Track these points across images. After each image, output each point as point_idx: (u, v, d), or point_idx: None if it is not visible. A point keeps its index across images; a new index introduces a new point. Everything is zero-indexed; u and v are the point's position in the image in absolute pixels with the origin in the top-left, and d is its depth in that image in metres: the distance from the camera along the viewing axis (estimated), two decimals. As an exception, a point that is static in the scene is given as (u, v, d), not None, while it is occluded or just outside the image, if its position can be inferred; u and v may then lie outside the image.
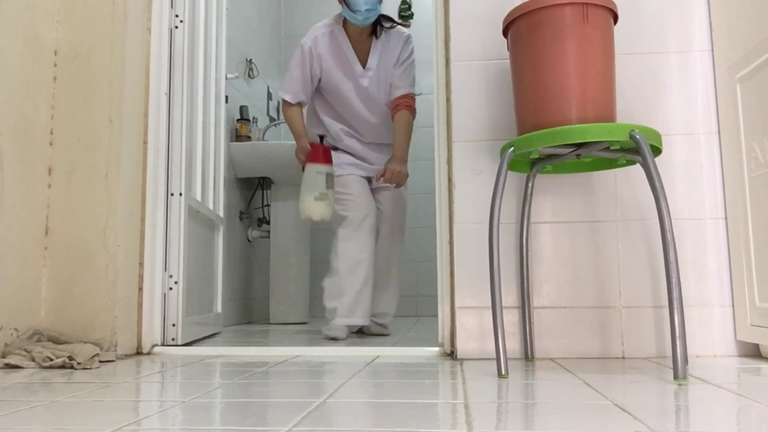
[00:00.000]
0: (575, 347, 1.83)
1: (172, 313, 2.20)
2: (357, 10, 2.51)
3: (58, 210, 2.00)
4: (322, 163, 2.63)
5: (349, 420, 1.04)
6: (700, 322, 1.81)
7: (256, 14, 4.12)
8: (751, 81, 1.69)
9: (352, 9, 2.52)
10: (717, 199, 1.86)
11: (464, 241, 1.89)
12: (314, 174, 2.60)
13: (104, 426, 1.00)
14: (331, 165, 2.65)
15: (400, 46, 2.68)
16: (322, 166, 2.62)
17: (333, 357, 1.95)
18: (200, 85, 2.55)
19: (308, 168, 2.62)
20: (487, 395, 1.27)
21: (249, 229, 3.78)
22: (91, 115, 2.03)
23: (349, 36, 2.64)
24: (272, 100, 4.35)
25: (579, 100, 1.53)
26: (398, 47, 2.68)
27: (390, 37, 2.68)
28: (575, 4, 1.54)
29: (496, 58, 1.95)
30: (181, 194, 2.25)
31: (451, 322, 1.91)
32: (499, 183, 1.59)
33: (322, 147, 2.67)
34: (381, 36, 2.67)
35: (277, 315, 3.58)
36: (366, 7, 2.51)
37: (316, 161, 2.62)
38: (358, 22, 2.56)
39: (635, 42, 1.91)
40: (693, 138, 1.88)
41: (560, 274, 1.86)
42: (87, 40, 2.06)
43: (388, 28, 2.68)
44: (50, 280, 1.98)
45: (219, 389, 1.36)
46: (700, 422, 1.01)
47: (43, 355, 1.71)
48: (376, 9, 2.55)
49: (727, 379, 1.43)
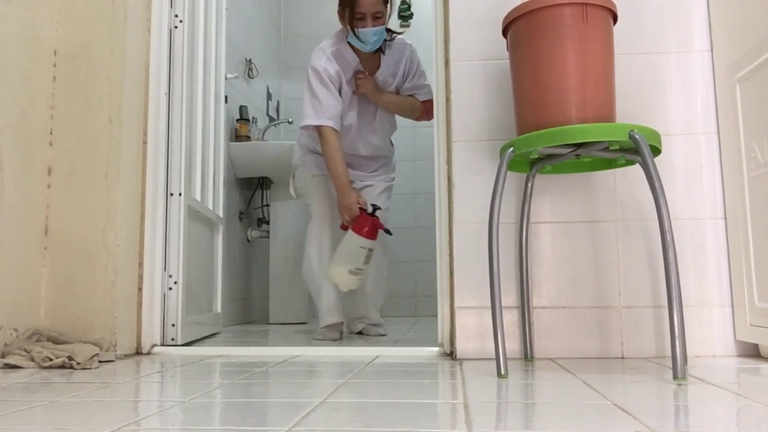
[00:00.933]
0: (575, 347, 1.83)
1: (171, 313, 2.20)
2: (367, 41, 2.48)
3: (58, 210, 2.00)
4: (369, 238, 2.45)
5: (348, 420, 1.04)
6: (699, 322, 1.81)
7: (256, 14, 4.12)
8: (750, 81, 1.69)
9: (362, 40, 2.48)
10: (716, 200, 1.86)
11: (464, 241, 1.89)
12: (357, 248, 2.43)
13: (104, 426, 1.00)
14: (375, 240, 2.47)
15: (404, 60, 2.64)
16: (368, 241, 2.45)
17: (332, 357, 1.95)
18: (200, 85, 2.55)
19: (353, 238, 2.44)
20: (487, 395, 1.27)
21: (248, 229, 3.78)
22: (91, 115, 2.03)
23: (355, 52, 2.58)
24: (272, 100, 4.35)
25: (578, 100, 1.53)
26: (402, 61, 2.64)
27: (393, 50, 2.64)
28: (575, 5, 1.54)
29: (495, 58, 1.95)
30: (181, 194, 2.25)
31: (450, 322, 1.91)
32: (499, 183, 1.59)
33: (372, 220, 2.46)
34: (386, 51, 2.62)
35: (277, 315, 3.58)
36: (375, 38, 2.47)
37: (362, 235, 2.43)
38: (367, 50, 2.52)
39: (635, 42, 1.91)
40: (692, 138, 1.88)
41: (560, 274, 1.86)
42: (87, 40, 2.06)
43: (390, 41, 2.63)
44: (50, 280, 1.98)
45: (219, 389, 1.36)
46: (700, 422, 1.01)
47: (43, 355, 1.71)
48: (383, 35, 2.51)
49: (727, 379, 1.43)
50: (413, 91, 2.68)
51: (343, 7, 2.50)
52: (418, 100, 2.68)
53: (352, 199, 2.46)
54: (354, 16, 2.46)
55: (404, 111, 2.71)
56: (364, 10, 2.44)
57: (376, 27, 2.46)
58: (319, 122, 2.47)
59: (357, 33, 2.46)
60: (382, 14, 2.48)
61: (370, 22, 2.45)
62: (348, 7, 2.47)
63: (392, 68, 2.64)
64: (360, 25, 2.46)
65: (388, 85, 2.65)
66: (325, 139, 2.47)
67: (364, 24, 2.45)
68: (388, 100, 2.64)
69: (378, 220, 2.48)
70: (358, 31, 2.46)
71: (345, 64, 2.55)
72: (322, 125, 2.46)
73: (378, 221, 2.48)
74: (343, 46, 2.56)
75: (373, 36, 2.47)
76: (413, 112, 2.71)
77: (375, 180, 2.74)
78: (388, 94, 2.65)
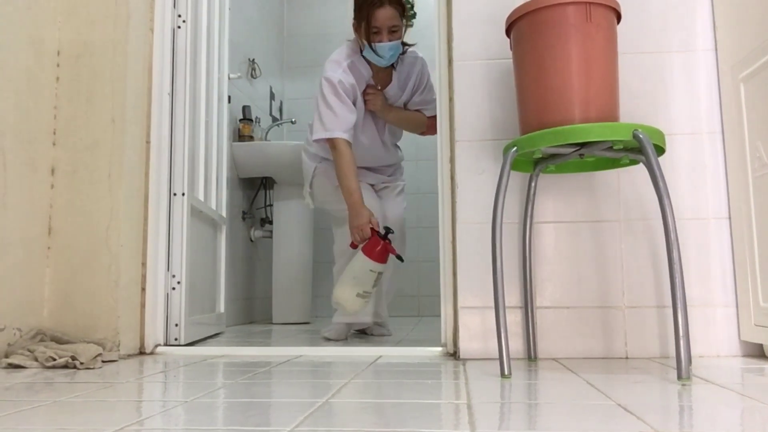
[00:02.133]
0: (578, 347, 1.83)
1: (174, 313, 2.21)
2: (383, 56, 2.45)
3: (61, 210, 2.00)
4: (379, 261, 2.39)
5: (351, 420, 1.04)
6: (703, 322, 1.81)
7: (259, 14, 4.12)
8: (754, 80, 1.68)
9: (379, 54, 2.45)
10: (721, 199, 1.85)
11: (467, 241, 1.89)
12: (367, 271, 2.38)
13: (107, 426, 1.00)
14: (386, 264, 2.43)
15: (416, 74, 2.63)
16: (378, 264, 2.39)
17: (335, 357, 1.95)
18: (203, 85, 2.55)
19: (363, 261, 2.39)
20: (490, 395, 1.26)
21: (252, 229, 3.79)
22: (94, 115, 2.03)
23: (369, 64, 2.55)
24: (275, 100, 4.35)
25: (582, 99, 1.53)
26: (414, 74, 2.63)
27: (404, 63, 2.62)
28: (578, 4, 1.54)
29: (498, 58, 1.94)
30: (184, 194, 2.25)
31: (453, 322, 1.91)
32: (502, 183, 1.58)
33: (384, 243, 2.40)
34: (398, 64, 2.60)
35: (280, 315, 3.58)
36: (390, 53, 2.45)
37: (373, 258, 2.38)
38: (383, 64, 2.50)
39: (638, 41, 1.91)
40: (696, 137, 1.88)
41: (563, 274, 1.86)
42: (90, 40, 2.06)
43: (403, 54, 2.60)
44: (53, 280, 1.98)
45: (222, 389, 1.36)
46: (704, 423, 1.01)
47: (46, 355, 1.71)
48: (398, 50, 2.48)
49: (731, 379, 1.43)
50: (421, 106, 2.67)
51: (359, 21, 2.48)
52: (425, 116, 2.67)
53: (365, 219, 2.41)
54: (370, 30, 2.43)
55: (411, 127, 2.72)
56: (380, 24, 2.42)
57: (392, 41, 2.44)
58: (334, 135, 2.42)
59: (374, 47, 2.44)
60: (398, 28, 2.46)
61: (386, 36, 2.43)
62: (364, 20, 2.44)
63: (403, 81, 2.63)
64: (376, 39, 2.43)
65: (397, 98, 2.64)
66: (339, 152, 2.42)
67: (380, 38, 2.43)
68: (396, 116, 2.64)
69: (390, 244, 2.42)
70: (375, 45, 2.43)
71: (359, 77, 2.53)
72: (336, 138, 2.43)
73: (390, 245, 2.42)
74: (357, 58, 2.52)
75: (390, 51, 2.45)
76: (419, 128, 2.71)
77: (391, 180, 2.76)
78: (396, 110, 2.64)
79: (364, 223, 2.41)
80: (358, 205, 2.42)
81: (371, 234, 2.40)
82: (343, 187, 2.44)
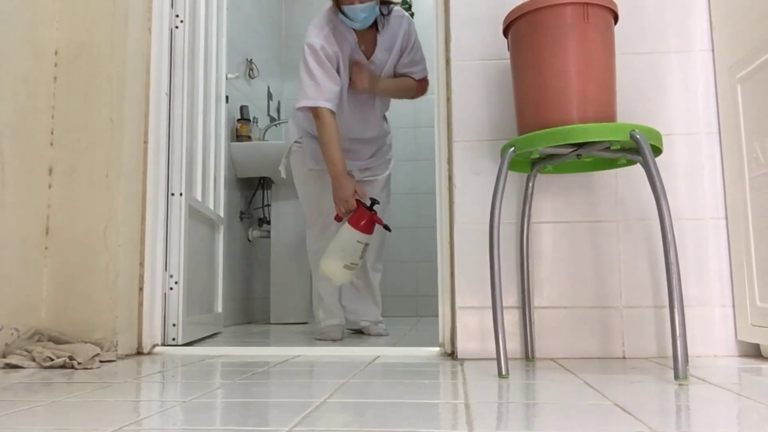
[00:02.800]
0: (576, 347, 1.83)
1: (172, 313, 2.20)
2: (354, 19, 2.37)
3: (59, 210, 2.00)
4: (366, 232, 2.36)
5: (349, 420, 1.04)
6: (700, 322, 1.81)
7: (257, 14, 4.12)
8: (751, 81, 1.69)
9: (350, 18, 2.37)
10: (718, 199, 1.85)
11: (465, 241, 1.89)
12: (354, 242, 2.35)
13: (105, 426, 1.00)
14: (372, 235, 2.40)
15: (401, 34, 2.52)
16: (365, 235, 2.36)
17: (333, 357, 1.95)
18: (201, 84, 2.55)
19: (349, 232, 2.35)
20: (488, 395, 1.27)
21: (249, 229, 3.78)
22: (92, 115, 2.03)
23: None
24: (272, 100, 4.35)
25: (579, 99, 1.53)
26: (399, 35, 2.52)
27: (390, 24, 2.51)
28: (576, 4, 1.54)
29: (496, 58, 1.94)
30: (182, 194, 2.25)
31: (451, 322, 1.91)
32: (500, 183, 1.59)
33: (370, 214, 2.37)
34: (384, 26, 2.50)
35: (278, 315, 3.58)
36: (363, 15, 2.36)
37: (359, 229, 2.35)
38: (357, 27, 2.42)
39: (636, 42, 1.91)
40: (694, 138, 1.88)
41: (561, 274, 1.86)
42: (88, 40, 2.06)
43: (387, 15, 2.50)
44: (51, 280, 1.98)
45: (220, 389, 1.36)
46: (701, 422, 1.01)
47: (44, 355, 1.71)
48: (373, 11, 2.38)
49: (728, 379, 1.43)
50: (410, 68, 2.57)
51: None
52: (414, 80, 2.59)
53: (349, 190, 2.36)
54: None
55: (401, 94, 2.64)
56: None
57: (364, 3, 2.33)
58: (316, 104, 2.34)
59: (344, 10, 2.35)
60: None
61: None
62: None
63: (389, 43, 2.52)
64: (347, 1, 2.33)
65: (385, 62, 2.53)
66: (322, 122, 2.35)
67: (352, 0, 2.33)
68: (384, 87, 2.55)
69: (376, 214, 2.40)
70: (345, 8, 2.34)
71: (343, 41, 2.43)
72: (319, 107, 2.34)
73: (376, 215, 2.40)
74: (338, 22, 2.43)
75: (362, 13, 2.34)
76: (409, 93, 2.63)
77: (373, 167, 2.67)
78: (384, 81, 2.54)
79: (349, 195, 2.36)
80: (341, 175, 2.36)
81: (356, 205, 2.38)
82: (327, 156, 2.38)
